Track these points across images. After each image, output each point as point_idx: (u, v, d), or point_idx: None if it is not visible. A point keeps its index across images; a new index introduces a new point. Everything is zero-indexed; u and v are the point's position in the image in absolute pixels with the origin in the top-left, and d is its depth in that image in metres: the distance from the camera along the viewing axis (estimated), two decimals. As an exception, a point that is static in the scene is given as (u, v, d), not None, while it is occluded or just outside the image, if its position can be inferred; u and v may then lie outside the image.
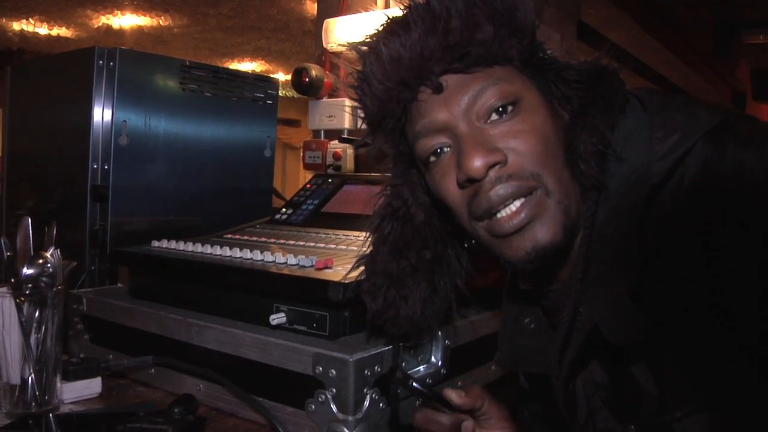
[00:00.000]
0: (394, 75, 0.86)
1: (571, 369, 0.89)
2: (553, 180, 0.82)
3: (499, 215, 0.83)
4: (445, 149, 0.87)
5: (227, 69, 1.84)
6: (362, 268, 1.01)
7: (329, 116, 2.35)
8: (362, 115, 0.93)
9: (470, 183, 0.83)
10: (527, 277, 0.98)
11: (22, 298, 1.04)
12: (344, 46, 0.95)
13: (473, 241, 0.94)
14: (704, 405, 0.78)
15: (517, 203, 0.82)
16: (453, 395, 0.92)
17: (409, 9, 0.86)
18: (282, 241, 1.39)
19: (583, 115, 0.84)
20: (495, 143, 0.82)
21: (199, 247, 1.30)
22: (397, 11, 0.90)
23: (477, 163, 0.81)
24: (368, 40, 0.90)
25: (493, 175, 0.82)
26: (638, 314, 0.79)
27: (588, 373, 0.92)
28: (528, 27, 0.86)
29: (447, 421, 0.92)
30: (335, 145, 2.28)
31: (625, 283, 0.79)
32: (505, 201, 0.82)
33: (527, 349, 0.99)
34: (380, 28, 0.90)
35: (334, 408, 0.95)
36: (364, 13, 2.30)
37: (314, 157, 2.34)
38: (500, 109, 0.83)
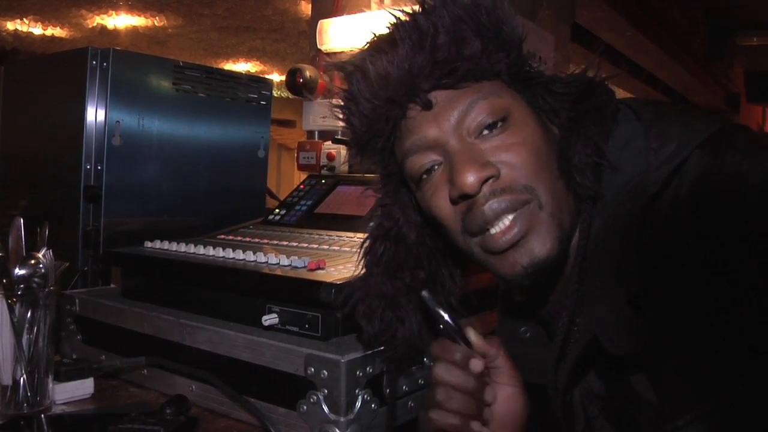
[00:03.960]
0: (381, 93, 0.85)
1: (569, 379, 0.89)
2: (546, 192, 0.82)
3: (492, 231, 0.82)
4: (436, 167, 0.86)
5: (221, 70, 1.84)
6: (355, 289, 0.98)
7: (323, 117, 2.34)
8: (350, 135, 0.92)
9: (463, 199, 0.83)
10: (522, 289, 0.97)
11: (14, 299, 1.03)
12: (332, 66, 0.94)
13: (467, 258, 0.92)
14: (704, 414, 0.77)
15: (510, 217, 0.81)
16: (471, 333, 0.88)
17: (396, 26, 0.86)
18: (275, 242, 1.39)
19: (576, 127, 0.84)
20: (487, 157, 0.82)
21: (192, 248, 1.30)
22: (386, 17, 0.89)
23: (470, 178, 0.80)
24: (354, 58, 0.89)
25: (487, 190, 0.82)
26: (637, 324, 0.78)
27: (585, 383, 0.92)
28: (515, 41, 0.86)
29: (460, 353, 0.86)
30: (329, 146, 2.28)
31: (624, 293, 0.79)
32: (500, 216, 0.81)
33: (523, 359, 0.97)
34: (366, 46, 0.89)
35: (326, 409, 0.96)
36: (358, 15, 2.30)
37: (308, 157, 2.33)
38: (490, 124, 0.83)
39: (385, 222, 0.97)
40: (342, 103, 0.91)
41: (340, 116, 0.92)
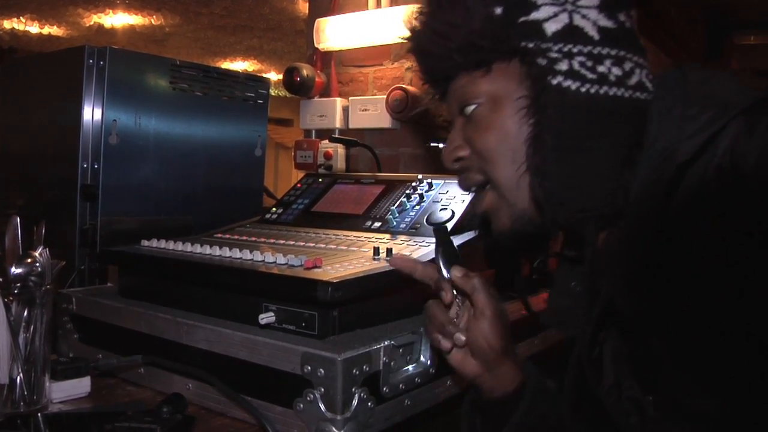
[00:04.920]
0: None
1: (593, 336, 0.93)
2: (501, 175, 0.92)
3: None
4: None
5: (218, 68, 1.84)
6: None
7: (320, 116, 2.35)
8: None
9: None
10: (567, 243, 1.06)
11: (11, 298, 1.03)
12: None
13: None
14: (717, 385, 0.77)
15: (474, 195, 1.00)
16: (455, 270, 0.99)
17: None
18: (272, 241, 1.39)
19: (538, 145, 0.90)
20: (462, 139, 0.96)
21: (188, 247, 1.30)
22: (387, 13, 0.98)
23: (446, 159, 0.98)
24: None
25: (458, 167, 0.98)
26: (652, 289, 0.80)
27: (615, 341, 0.94)
28: (479, 29, 0.89)
29: (439, 285, 0.99)
30: (326, 145, 2.29)
31: (641, 258, 0.82)
32: (466, 190, 1.00)
33: (570, 312, 1.04)
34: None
35: (322, 407, 0.96)
36: (354, 13, 2.30)
37: (305, 156, 2.34)
38: (465, 111, 0.94)
39: None
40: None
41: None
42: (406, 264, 1.03)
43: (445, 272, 0.99)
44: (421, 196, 1.45)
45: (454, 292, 0.99)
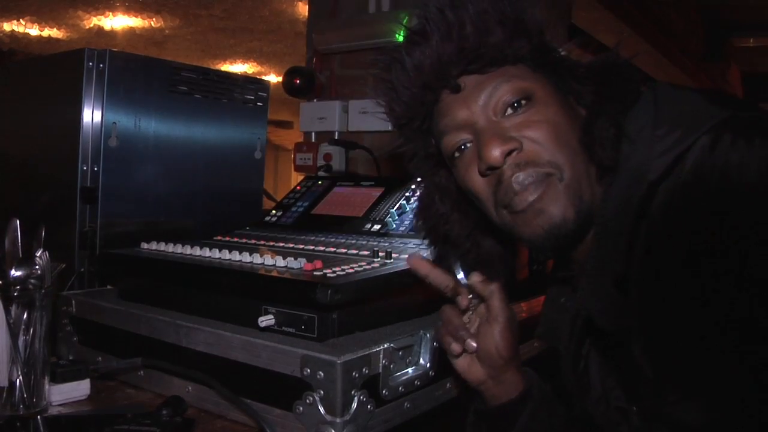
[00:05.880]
0: (417, 81, 0.94)
1: (576, 349, 0.96)
2: (568, 167, 0.88)
3: (516, 196, 0.90)
4: (468, 144, 0.94)
5: (217, 71, 1.84)
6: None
7: (320, 118, 2.35)
8: (391, 119, 1.02)
9: (491, 171, 0.91)
10: (558, 264, 1.08)
11: (10, 300, 1.03)
12: (375, 60, 1.01)
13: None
14: (693, 392, 0.79)
15: (533, 185, 0.89)
16: (473, 276, 1.00)
17: (427, 20, 0.94)
18: (271, 243, 1.39)
19: (598, 106, 0.89)
20: (510, 133, 0.90)
21: (188, 249, 1.30)
22: (388, 16, 0.97)
23: (495, 152, 0.88)
24: (393, 51, 0.98)
25: (511, 162, 0.90)
26: (624, 303, 0.83)
27: (599, 355, 0.98)
28: (536, 29, 0.93)
29: (457, 292, 1.00)
30: (326, 147, 2.29)
31: (612, 273, 0.84)
32: (526, 188, 0.89)
33: (559, 325, 1.06)
34: (402, 40, 0.98)
35: (321, 410, 0.96)
36: (354, 16, 2.30)
37: (305, 158, 2.34)
38: (514, 104, 0.91)
39: (423, 198, 1.11)
40: (384, 93, 1.00)
41: (382, 104, 1.01)
42: (421, 265, 1.01)
43: (463, 277, 1.01)
44: (421, 198, 1.45)
45: (470, 297, 1.01)
